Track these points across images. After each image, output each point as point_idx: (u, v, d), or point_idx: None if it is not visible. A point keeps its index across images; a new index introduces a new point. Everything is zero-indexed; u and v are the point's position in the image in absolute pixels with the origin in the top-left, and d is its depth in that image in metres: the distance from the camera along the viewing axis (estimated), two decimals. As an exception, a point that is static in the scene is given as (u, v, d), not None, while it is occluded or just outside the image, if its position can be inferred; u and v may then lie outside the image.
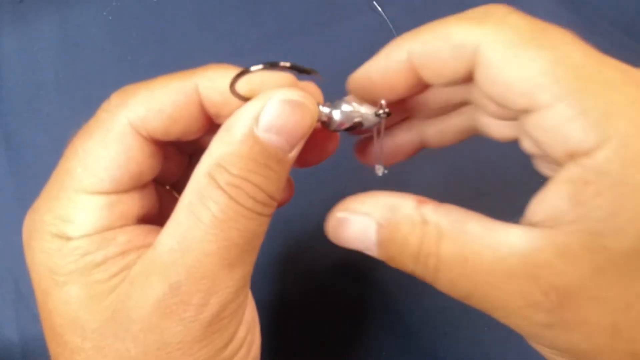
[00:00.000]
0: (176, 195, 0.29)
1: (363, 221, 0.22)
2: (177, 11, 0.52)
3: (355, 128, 0.25)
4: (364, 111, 0.25)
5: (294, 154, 0.22)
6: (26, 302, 0.46)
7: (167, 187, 0.29)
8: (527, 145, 0.24)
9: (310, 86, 0.25)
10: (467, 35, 0.21)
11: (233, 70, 0.22)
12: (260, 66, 0.21)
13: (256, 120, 0.21)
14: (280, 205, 0.30)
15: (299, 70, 0.22)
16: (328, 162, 0.28)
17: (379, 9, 0.51)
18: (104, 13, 0.53)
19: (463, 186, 0.46)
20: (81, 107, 0.50)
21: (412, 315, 0.44)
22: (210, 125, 0.24)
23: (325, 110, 0.24)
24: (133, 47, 0.51)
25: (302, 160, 0.26)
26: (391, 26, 0.50)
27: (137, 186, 0.23)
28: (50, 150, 0.49)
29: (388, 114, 0.25)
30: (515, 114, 0.22)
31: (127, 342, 0.20)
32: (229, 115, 0.22)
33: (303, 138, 0.22)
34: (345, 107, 0.25)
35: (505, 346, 0.44)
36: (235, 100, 0.22)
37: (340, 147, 0.29)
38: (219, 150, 0.21)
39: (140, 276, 0.21)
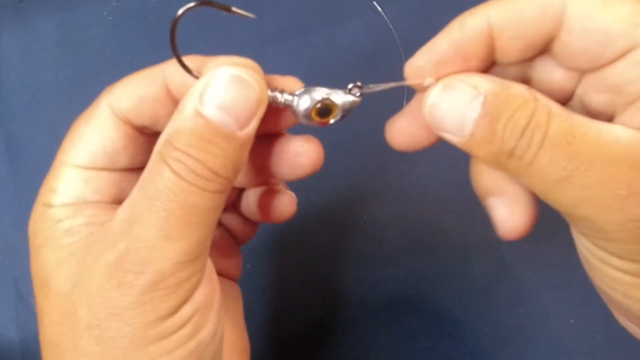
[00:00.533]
0: None
1: (466, 93, 0.22)
2: (177, 11, 0.52)
3: (328, 113, 0.25)
4: (335, 94, 0.25)
5: (246, 132, 0.22)
6: (26, 302, 0.46)
7: None
8: (592, 99, 0.24)
9: (293, 81, 0.26)
10: None
11: (196, 58, 0.24)
12: (192, 4, 0.23)
13: (201, 97, 0.22)
14: (280, 220, 0.31)
15: (230, 11, 0.24)
16: (330, 163, 0.28)
17: (379, 9, 0.51)
18: (104, 13, 0.53)
19: (463, 185, 0.46)
20: (81, 107, 0.50)
21: (413, 315, 0.44)
22: None
23: (288, 97, 0.25)
24: (133, 47, 0.51)
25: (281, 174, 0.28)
26: (391, 26, 0.50)
27: (115, 167, 0.25)
28: (50, 150, 0.48)
29: (360, 87, 0.25)
30: (594, 65, 0.22)
31: (76, 304, 0.22)
32: None
33: (252, 115, 0.23)
34: (314, 92, 0.25)
35: (505, 346, 0.44)
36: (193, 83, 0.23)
37: (341, 148, 0.29)
38: (169, 128, 0.22)
39: (95, 244, 0.22)
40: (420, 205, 0.47)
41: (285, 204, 0.31)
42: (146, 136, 0.26)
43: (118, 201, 0.25)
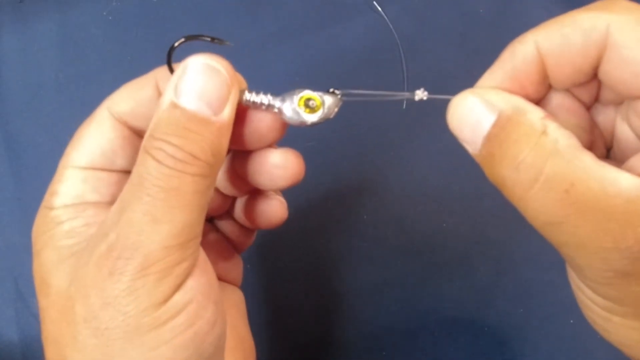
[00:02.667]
0: None
1: (485, 109, 0.22)
2: (177, 11, 0.52)
3: (315, 107, 0.26)
4: (319, 94, 0.26)
5: (221, 117, 0.23)
6: (26, 302, 0.46)
7: None
8: (625, 129, 0.24)
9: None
10: (596, 20, 0.22)
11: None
12: (182, 39, 0.26)
13: (175, 89, 0.23)
14: (270, 226, 0.31)
15: (217, 41, 0.26)
16: (330, 163, 0.28)
17: (379, 9, 0.51)
18: (104, 13, 0.53)
19: (463, 186, 0.47)
20: (81, 107, 0.50)
21: (413, 315, 0.44)
22: None
23: (271, 100, 0.25)
24: (133, 47, 0.51)
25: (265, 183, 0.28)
26: (391, 26, 0.50)
27: (114, 167, 0.26)
28: (50, 150, 0.49)
29: (337, 93, 0.26)
30: (630, 94, 0.22)
31: (73, 299, 0.22)
32: None
33: (224, 99, 0.24)
34: (297, 91, 0.26)
35: (505, 346, 0.44)
36: None
37: (341, 148, 0.29)
38: (151, 123, 0.23)
39: (91, 240, 0.23)
40: (420, 205, 0.47)
41: (274, 210, 0.31)
42: (141, 135, 0.27)
43: None
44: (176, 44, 0.26)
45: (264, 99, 0.25)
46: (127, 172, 0.26)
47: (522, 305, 0.44)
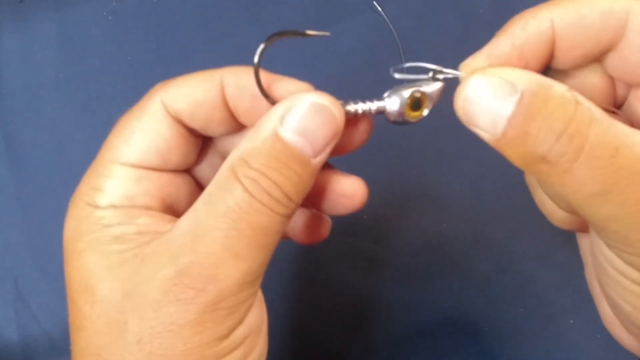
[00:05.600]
0: None
1: (502, 89, 0.21)
2: (177, 11, 0.52)
3: (420, 105, 0.25)
4: (422, 86, 0.24)
5: (319, 160, 0.23)
6: (26, 302, 0.46)
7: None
8: (638, 111, 0.23)
9: (305, 86, 0.26)
10: (615, 2, 0.21)
11: (263, 74, 0.24)
12: (275, 36, 0.23)
13: (282, 120, 0.22)
14: (314, 241, 0.30)
15: (306, 35, 0.24)
16: (330, 162, 0.28)
17: (379, 9, 0.51)
18: (104, 13, 0.53)
19: (463, 186, 0.47)
20: (81, 107, 0.50)
21: (413, 315, 0.44)
22: (238, 124, 0.26)
23: (379, 104, 0.24)
24: (133, 47, 0.51)
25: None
26: (391, 26, 0.50)
27: (166, 167, 0.25)
28: (50, 150, 0.49)
29: (441, 72, 0.24)
30: None
31: (127, 315, 0.21)
32: (244, 112, 0.24)
33: (328, 144, 0.23)
34: (400, 90, 0.25)
35: (505, 346, 0.44)
36: (252, 99, 0.24)
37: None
38: (244, 146, 0.22)
39: (152, 255, 0.21)
40: (420, 205, 0.47)
41: (324, 228, 0.30)
42: (195, 138, 0.26)
43: (166, 206, 0.25)
44: (261, 47, 0.23)
45: (363, 107, 0.24)
46: (176, 172, 0.25)
47: (522, 305, 0.44)
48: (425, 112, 0.25)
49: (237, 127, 0.26)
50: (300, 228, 0.30)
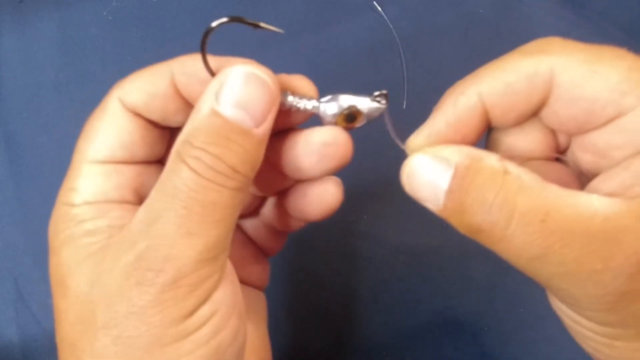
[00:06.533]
0: None
1: (439, 165, 0.22)
2: (177, 11, 0.52)
3: (354, 119, 0.26)
4: (361, 98, 0.25)
5: (262, 129, 0.23)
6: (26, 302, 0.46)
7: None
8: (580, 158, 0.24)
9: (304, 80, 0.26)
10: (538, 64, 0.22)
11: (213, 58, 0.24)
12: (224, 19, 0.23)
13: (217, 95, 0.22)
14: (330, 212, 0.30)
15: (259, 27, 0.24)
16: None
17: (379, 9, 0.51)
18: (104, 13, 0.53)
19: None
20: (81, 107, 0.50)
21: (413, 315, 0.44)
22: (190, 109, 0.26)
23: (315, 104, 0.25)
24: (133, 47, 0.51)
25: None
26: (391, 26, 0.50)
27: (135, 159, 0.25)
28: (50, 150, 0.49)
29: (386, 97, 0.25)
30: (580, 130, 0.23)
31: (94, 304, 0.22)
32: (196, 96, 0.24)
33: (267, 112, 0.23)
34: (340, 98, 0.25)
35: (505, 346, 0.44)
36: (199, 85, 0.24)
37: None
38: (186, 128, 0.23)
39: (115, 244, 0.22)
40: (420, 205, 0.47)
41: (330, 193, 0.30)
42: (159, 129, 0.26)
43: (141, 198, 0.25)
44: (214, 24, 0.23)
45: (302, 103, 0.25)
46: (146, 163, 0.26)
47: (522, 305, 0.44)
48: (358, 125, 0.26)
49: None
50: (275, 210, 0.31)
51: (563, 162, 0.26)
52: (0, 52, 0.52)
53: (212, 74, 0.24)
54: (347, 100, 0.25)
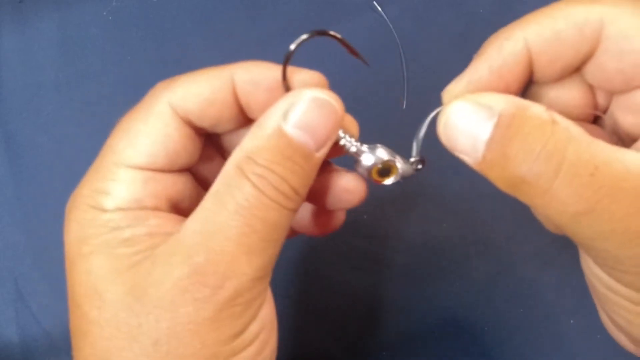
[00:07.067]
0: None
1: (481, 113, 0.21)
2: (177, 11, 0.52)
3: (387, 175, 0.26)
4: (399, 161, 0.26)
5: (321, 153, 0.23)
6: (26, 302, 0.46)
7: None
8: (621, 119, 0.24)
9: (314, 75, 0.26)
10: (589, 13, 0.21)
11: (268, 65, 0.24)
12: (308, 34, 0.24)
13: (285, 116, 0.22)
14: (326, 232, 0.30)
15: (348, 48, 0.24)
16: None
17: (379, 9, 0.51)
18: (104, 13, 0.53)
19: (463, 186, 0.46)
20: (81, 107, 0.50)
21: (413, 315, 0.44)
22: (245, 119, 0.26)
23: (361, 149, 0.25)
24: (133, 47, 0.51)
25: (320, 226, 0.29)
26: (391, 26, 0.50)
27: (173, 168, 0.24)
28: (50, 150, 0.49)
29: (423, 163, 0.26)
30: (626, 87, 0.22)
31: (140, 318, 0.21)
32: (257, 107, 0.24)
33: (329, 137, 0.23)
34: (380, 152, 0.25)
35: (505, 346, 0.44)
36: (263, 94, 0.24)
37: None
38: (249, 143, 0.22)
39: (163, 255, 0.21)
40: (420, 206, 0.47)
41: (336, 218, 0.30)
42: (200, 136, 0.26)
43: (174, 206, 0.25)
44: (301, 39, 0.24)
45: (350, 144, 0.25)
46: (181, 171, 0.25)
47: (522, 305, 0.44)
48: (388, 182, 0.26)
49: (245, 122, 0.26)
50: (309, 220, 0.30)
51: (599, 124, 0.25)
52: (0, 52, 0.52)
53: (288, 89, 0.24)
54: (385, 153, 0.25)
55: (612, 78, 0.22)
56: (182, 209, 0.25)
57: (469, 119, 0.22)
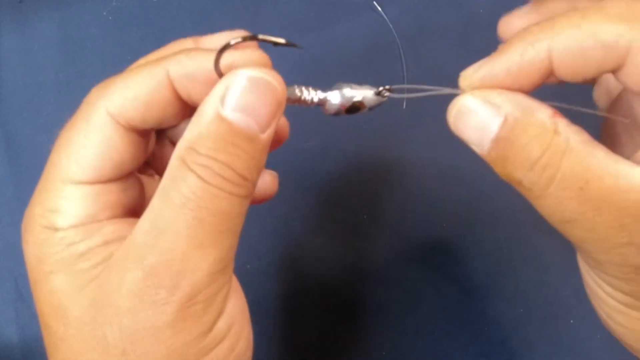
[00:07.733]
0: None
1: (490, 111, 0.22)
2: (177, 11, 0.52)
3: (356, 110, 0.26)
4: (365, 92, 0.25)
5: (267, 134, 0.22)
6: (26, 302, 0.46)
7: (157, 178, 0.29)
8: None
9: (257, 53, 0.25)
10: (618, 36, 0.20)
11: (202, 54, 0.23)
12: (239, 39, 0.22)
13: (222, 100, 0.21)
14: (263, 200, 0.29)
15: (277, 44, 0.23)
16: (330, 163, 0.28)
17: (379, 9, 0.51)
18: (104, 13, 0.53)
19: (463, 186, 0.46)
20: (81, 107, 0.50)
21: (413, 315, 0.44)
22: (189, 110, 0.24)
23: (320, 95, 0.25)
24: (133, 47, 0.51)
25: None
26: (391, 26, 0.50)
27: (121, 176, 0.24)
28: (50, 150, 0.48)
29: (390, 91, 0.25)
30: None
31: (104, 328, 0.20)
32: (199, 97, 0.22)
33: (273, 117, 0.22)
34: (347, 91, 0.25)
35: (505, 346, 0.44)
36: (201, 86, 0.23)
37: (341, 148, 0.29)
38: (189, 134, 0.21)
39: (117, 262, 0.21)
40: (420, 206, 0.47)
41: (268, 183, 0.30)
42: (144, 135, 0.25)
43: (132, 210, 0.24)
44: (232, 42, 0.22)
45: (308, 95, 0.24)
46: (132, 174, 0.25)
47: (522, 305, 0.44)
48: (359, 112, 0.26)
49: (192, 111, 0.24)
50: None
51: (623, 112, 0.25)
52: (0, 52, 0.52)
53: (221, 75, 0.22)
54: (351, 93, 0.25)
55: (635, 88, 0.22)
56: (139, 210, 0.24)
57: (477, 114, 0.22)
